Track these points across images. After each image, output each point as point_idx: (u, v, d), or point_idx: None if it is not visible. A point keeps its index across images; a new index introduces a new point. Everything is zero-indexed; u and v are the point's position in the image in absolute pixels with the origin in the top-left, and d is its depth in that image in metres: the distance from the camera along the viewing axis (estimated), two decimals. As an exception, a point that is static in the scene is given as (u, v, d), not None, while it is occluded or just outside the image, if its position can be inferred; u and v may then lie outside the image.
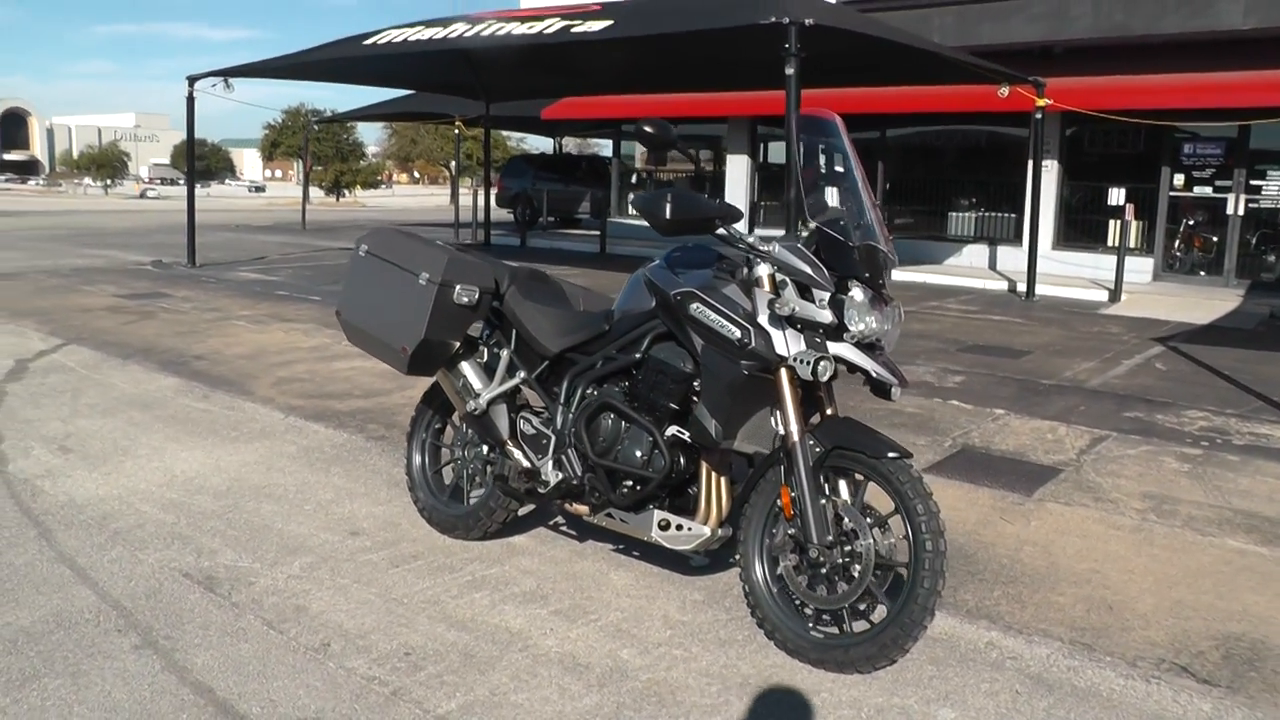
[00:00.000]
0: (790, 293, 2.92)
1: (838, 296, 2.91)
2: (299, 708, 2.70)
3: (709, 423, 3.03)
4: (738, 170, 18.80)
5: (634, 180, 22.42)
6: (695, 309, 3.02)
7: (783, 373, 2.94)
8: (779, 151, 18.42)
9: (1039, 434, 5.77)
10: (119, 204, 40.95)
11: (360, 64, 13.82)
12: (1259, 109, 12.42)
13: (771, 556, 3.08)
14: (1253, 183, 13.70)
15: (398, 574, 3.60)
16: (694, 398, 3.12)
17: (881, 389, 2.99)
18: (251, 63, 14.41)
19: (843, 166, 3.07)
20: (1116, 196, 14.34)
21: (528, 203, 23.41)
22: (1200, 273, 14.32)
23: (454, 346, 3.62)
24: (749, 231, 3.03)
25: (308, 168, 33.65)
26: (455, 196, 23.81)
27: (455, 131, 23.65)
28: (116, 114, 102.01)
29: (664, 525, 3.21)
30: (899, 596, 2.86)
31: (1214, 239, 14.17)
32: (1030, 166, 13.06)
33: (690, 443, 3.16)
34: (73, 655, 2.94)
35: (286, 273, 13.78)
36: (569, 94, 19.08)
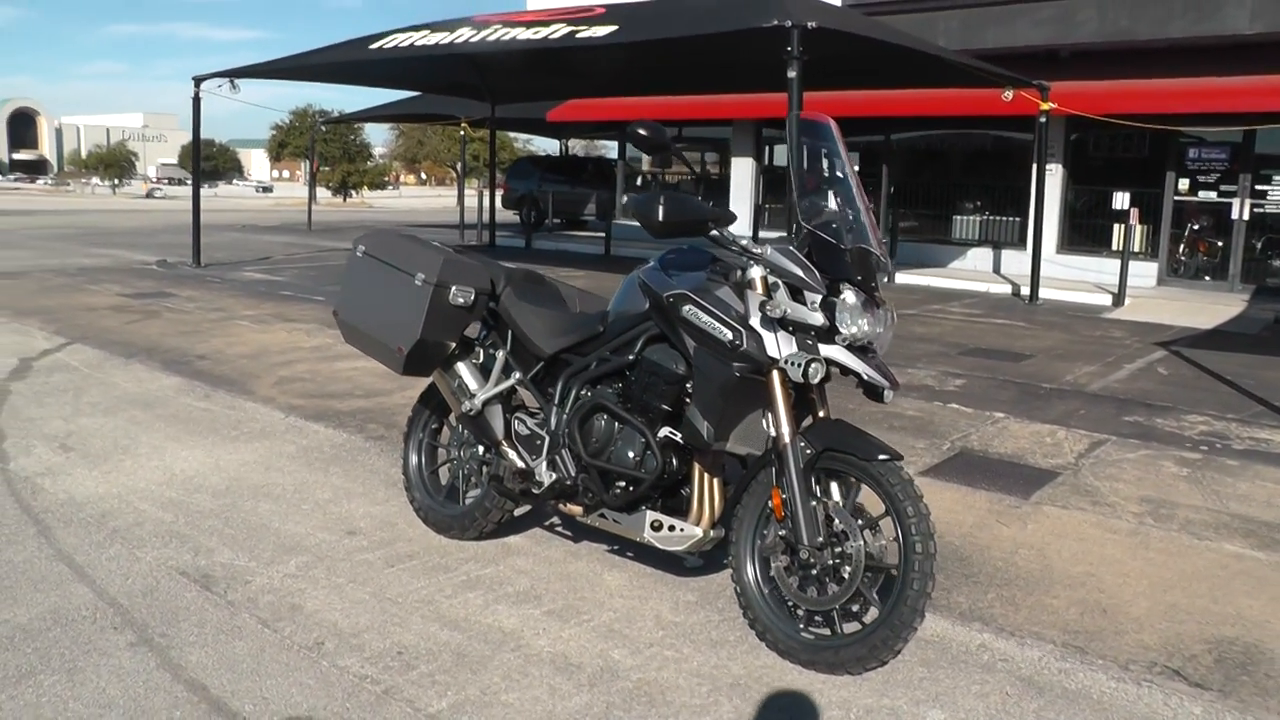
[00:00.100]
0: (782, 295, 2.93)
1: (829, 299, 2.92)
2: (291, 706, 2.72)
3: (701, 424, 3.04)
4: (742, 173, 18.81)
5: (639, 182, 22.44)
6: (687, 311, 3.03)
7: (774, 375, 2.95)
8: (784, 154, 18.42)
9: (1038, 437, 5.77)
10: (126, 204, 41.10)
11: (366, 66, 13.88)
12: (1264, 114, 12.39)
13: (763, 558, 3.09)
14: (1258, 187, 13.68)
15: (393, 573, 3.62)
16: (686, 399, 3.13)
17: (874, 391, 3.00)
18: (257, 64, 14.47)
19: (837, 170, 3.08)
20: (1121, 201, 14.30)
21: (533, 204, 23.46)
22: (1205, 277, 14.29)
23: (450, 347, 3.64)
24: (753, 235, 3.05)
25: (315, 168, 33.74)
26: (461, 198, 23.83)
27: (461, 133, 23.70)
28: (124, 114, 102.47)
29: (656, 526, 3.23)
30: (888, 598, 2.87)
31: (1219, 244, 14.15)
32: (1035, 170, 13.04)
33: (683, 444, 3.17)
34: (69, 652, 2.96)
35: (291, 273, 13.83)
36: (574, 96, 19.12)
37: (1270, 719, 2.82)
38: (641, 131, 2.94)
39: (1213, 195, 14.03)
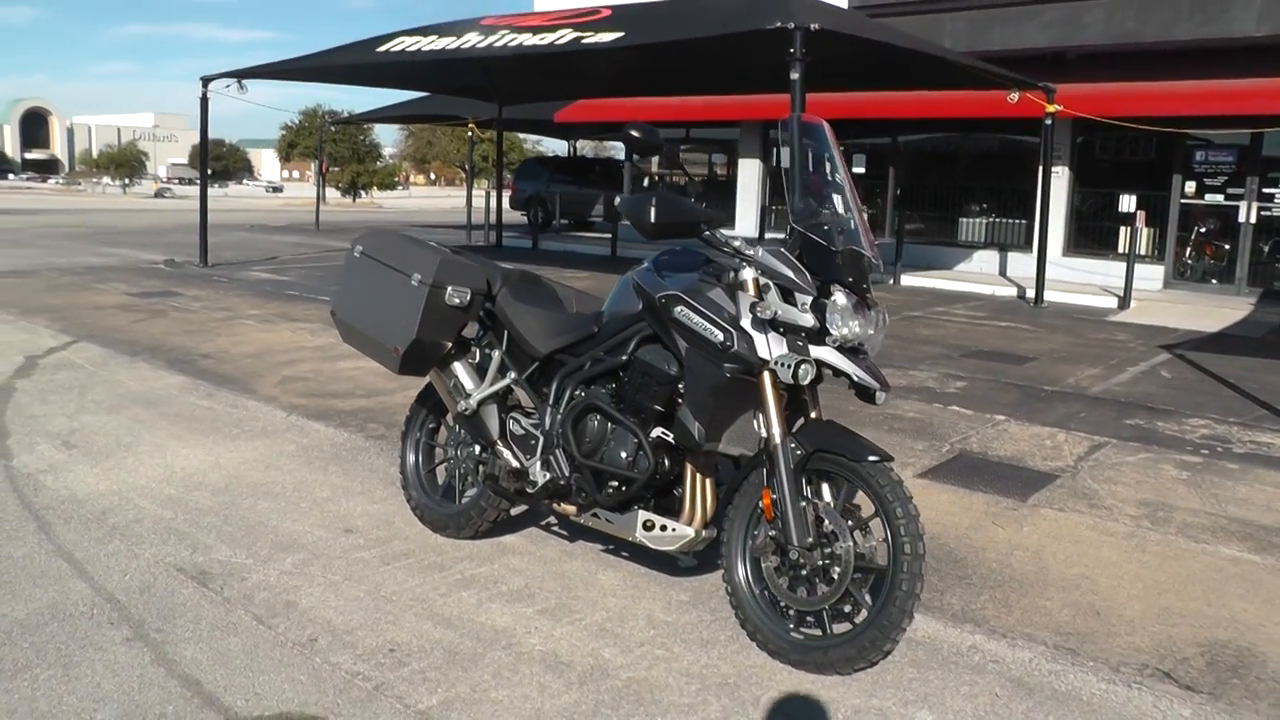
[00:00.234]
0: (773, 296, 2.94)
1: (820, 300, 2.93)
2: (283, 701, 2.74)
3: (692, 425, 3.06)
4: (749, 174, 18.81)
5: (646, 184, 22.46)
6: (679, 312, 3.05)
7: (765, 376, 2.96)
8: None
9: (1038, 440, 5.77)
10: (136, 203, 41.30)
11: (373, 68, 13.91)
12: (1272, 116, 12.36)
13: (754, 558, 3.11)
14: (1265, 190, 13.63)
15: (388, 571, 3.64)
16: (679, 400, 3.15)
17: (866, 393, 3.01)
18: (264, 64, 14.54)
19: (829, 172, 3.09)
20: (1127, 203, 14.30)
21: (541, 205, 23.49)
22: (1211, 280, 14.25)
23: (446, 347, 3.66)
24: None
25: (324, 168, 33.85)
26: (469, 198, 23.90)
27: (469, 134, 23.77)
28: (135, 114, 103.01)
29: (648, 526, 3.24)
30: (877, 599, 2.88)
31: (1225, 246, 14.10)
32: (1040, 172, 13.02)
33: (675, 444, 3.18)
34: (65, 647, 2.99)
35: (298, 273, 13.88)
36: (582, 96, 19.15)
37: (1259, 722, 2.82)
38: (635, 133, 2.96)
39: (1219, 198, 13.99)
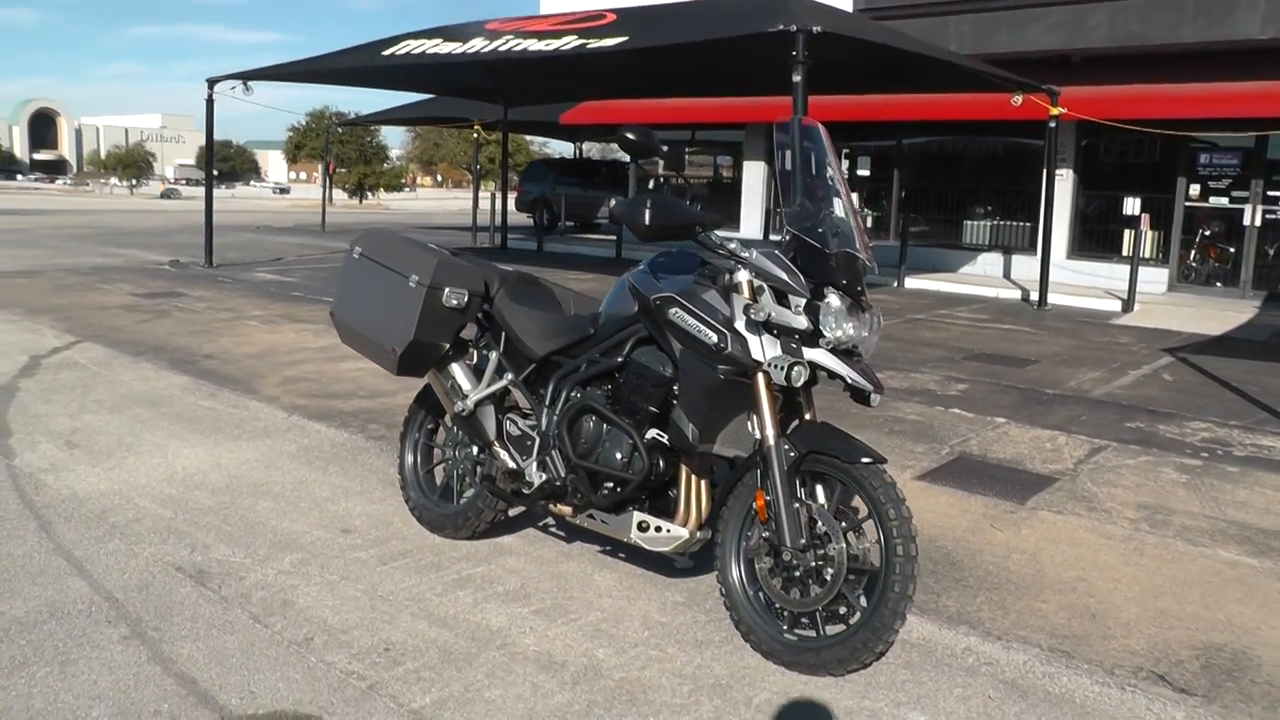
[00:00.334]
0: (767, 298, 2.95)
1: (814, 303, 2.94)
2: (277, 699, 2.76)
3: (686, 426, 3.07)
4: (754, 177, 18.81)
5: (651, 186, 22.47)
6: (674, 314, 3.06)
7: (759, 378, 2.97)
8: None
9: (1038, 443, 5.77)
10: (143, 204, 41.43)
11: (378, 70, 13.94)
12: (1277, 119, 12.34)
13: (748, 559, 3.11)
14: (1270, 193, 13.61)
15: (385, 571, 3.65)
16: (674, 401, 3.16)
17: (861, 395, 3.01)
18: (269, 66, 14.58)
19: (825, 174, 3.10)
20: (1132, 206, 14.28)
21: (547, 207, 23.52)
22: (1216, 284, 14.22)
23: (443, 348, 3.68)
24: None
25: (331, 170, 33.93)
26: (475, 201, 23.94)
27: (475, 136, 23.82)
28: (143, 115, 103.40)
29: (643, 527, 3.25)
30: (870, 600, 2.89)
31: (1230, 250, 14.07)
32: (1045, 175, 13.01)
33: (670, 446, 3.19)
34: (63, 645, 3.01)
35: (302, 274, 13.92)
36: (587, 98, 19.17)
37: (1252, 725, 2.82)
38: (630, 135, 2.97)
39: (1224, 201, 13.96)
